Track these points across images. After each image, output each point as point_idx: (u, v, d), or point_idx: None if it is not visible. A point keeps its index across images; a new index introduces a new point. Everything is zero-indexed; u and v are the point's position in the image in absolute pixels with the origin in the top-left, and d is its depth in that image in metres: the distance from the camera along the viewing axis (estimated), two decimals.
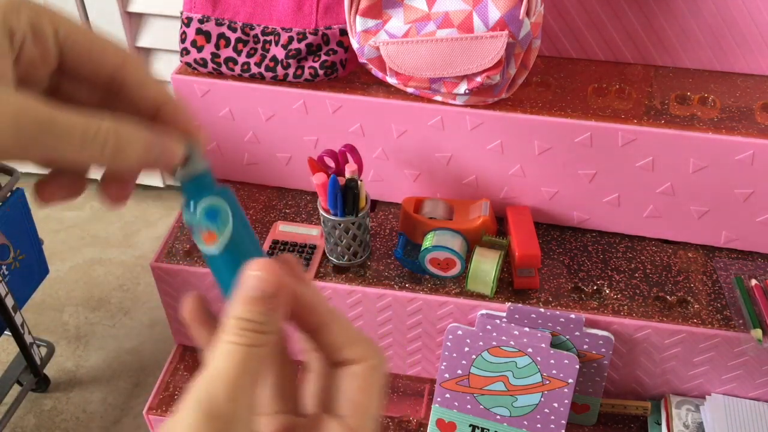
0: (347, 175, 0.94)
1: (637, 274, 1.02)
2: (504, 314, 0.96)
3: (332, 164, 0.97)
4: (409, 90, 0.97)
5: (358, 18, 0.93)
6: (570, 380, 0.93)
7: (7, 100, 0.29)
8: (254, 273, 0.33)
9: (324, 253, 1.03)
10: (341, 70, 1.03)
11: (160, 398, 1.09)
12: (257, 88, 1.03)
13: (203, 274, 1.02)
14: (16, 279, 1.25)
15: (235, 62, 1.03)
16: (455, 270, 0.98)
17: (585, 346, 0.95)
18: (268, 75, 1.03)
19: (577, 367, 0.93)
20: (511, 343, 0.94)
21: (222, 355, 0.31)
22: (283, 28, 1.01)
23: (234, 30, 1.02)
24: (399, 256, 0.99)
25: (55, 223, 1.78)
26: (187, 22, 1.03)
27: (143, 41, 1.46)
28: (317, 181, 0.94)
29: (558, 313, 0.94)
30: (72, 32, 0.33)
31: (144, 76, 0.34)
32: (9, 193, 1.20)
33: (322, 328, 0.35)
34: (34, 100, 0.30)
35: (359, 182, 0.94)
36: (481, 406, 0.97)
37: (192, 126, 0.35)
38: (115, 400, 1.40)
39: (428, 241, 0.98)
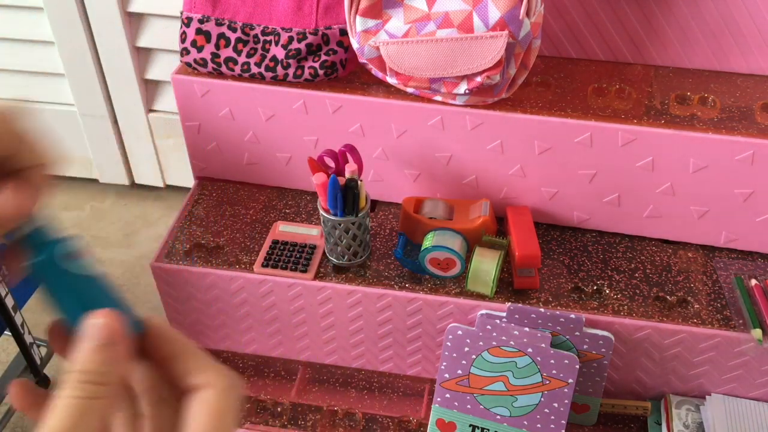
0: (347, 175, 0.94)
1: (637, 274, 1.02)
2: (504, 314, 0.96)
3: (332, 164, 0.97)
4: (409, 90, 0.97)
5: (358, 18, 0.93)
6: (570, 380, 0.93)
7: None
8: (95, 321, 0.33)
9: (324, 253, 1.03)
10: (341, 70, 1.03)
11: None
12: (257, 88, 1.03)
13: (203, 273, 1.02)
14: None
15: (235, 62, 1.03)
16: (455, 270, 0.98)
17: (585, 346, 0.95)
18: (268, 75, 1.03)
19: (577, 367, 0.93)
20: (511, 343, 0.94)
21: (58, 411, 0.30)
22: (283, 28, 1.01)
23: (234, 30, 1.02)
24: (399, 256, 0.99)
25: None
26: (187, 22, 1.03)
27: (143, 41, 1.46)
28: (317, 181, 0.94)
29: (558, 313, 0.94)
30: None
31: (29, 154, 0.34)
32: None
33: (172, 356, 0.35)
34: None
35: (359, 182, 0.94)
36: (481, 406, 0.97)
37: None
38: None
39: (428, 241, 0.98)
